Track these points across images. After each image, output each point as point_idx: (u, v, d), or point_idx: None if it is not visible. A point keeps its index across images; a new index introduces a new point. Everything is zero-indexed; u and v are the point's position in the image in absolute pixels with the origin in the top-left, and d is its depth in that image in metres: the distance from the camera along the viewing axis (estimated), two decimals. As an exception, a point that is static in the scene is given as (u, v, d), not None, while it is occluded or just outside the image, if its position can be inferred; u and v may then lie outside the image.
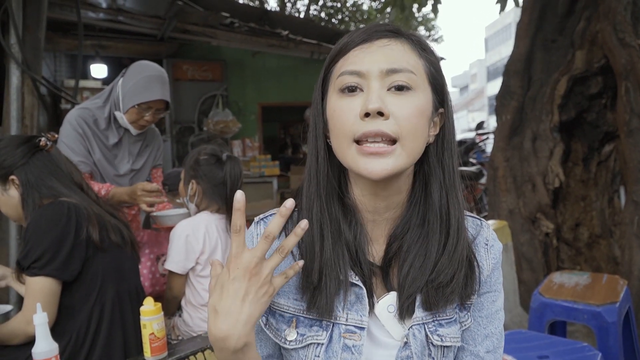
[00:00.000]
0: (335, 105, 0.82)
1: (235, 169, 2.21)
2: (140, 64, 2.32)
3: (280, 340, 0.86)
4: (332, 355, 0.84)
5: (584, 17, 3.94)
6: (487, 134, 9.96)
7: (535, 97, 4.11)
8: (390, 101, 0.79)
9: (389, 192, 0.86)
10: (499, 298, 0.95)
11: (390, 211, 0.88)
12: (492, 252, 0.93)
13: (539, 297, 2.62)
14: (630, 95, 3.49)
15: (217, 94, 7.23)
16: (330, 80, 0.86)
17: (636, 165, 3.47)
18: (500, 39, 45.14)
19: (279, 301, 0.87)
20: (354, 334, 0.84)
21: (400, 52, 0.82)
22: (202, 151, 2.25)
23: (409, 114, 0.79)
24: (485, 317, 0.92)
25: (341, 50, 0.85)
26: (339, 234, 0.86)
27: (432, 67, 0.85)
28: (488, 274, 0.92)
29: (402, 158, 0.79)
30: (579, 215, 4.06)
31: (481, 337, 0.92)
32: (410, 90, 0.80)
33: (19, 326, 1.59)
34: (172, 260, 2.10)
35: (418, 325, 0.85)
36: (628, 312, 2.59)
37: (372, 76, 0.80)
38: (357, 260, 0.86)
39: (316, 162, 0.88)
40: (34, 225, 1.62)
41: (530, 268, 3.92)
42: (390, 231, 0.89)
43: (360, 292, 0.85)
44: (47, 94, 3.60)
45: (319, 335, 0.84)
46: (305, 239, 0.85)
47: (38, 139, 1.76)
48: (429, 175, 0.88)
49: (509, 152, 4.17)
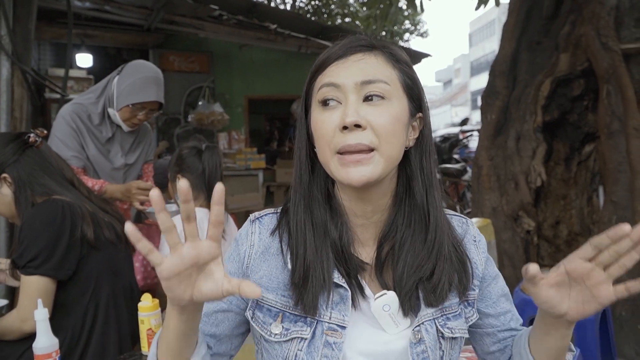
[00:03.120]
0: (317, 118, 0.89)
1: (214, 158, 2.22)
2: (138, 64, 2.33)
3: (265, 332, 0.91)
4: (314, 350, 0.88)
5: (568, 20, 4.01)
6: (471, 131, 10.07)
7: (519, 97, 4.19)
8: (366, 111, 0.85)
9: (374, 196, 0.92)
10: (500, 279, 1.05)
11: (378, 214, 0.94)
12: (480, 247, 1.02)
13: (520, 294, 2.70)
14: (612, 98, 3.58)
15: (204, 85, 7.21)
16: (312, 94, 0.92)
17: (615, 166, 3.57)
18: (484, 35, 45.44)
19: (268, 296, 0.92)
20: (335, 332, 0.89)
21: (374, 64, 0.88)
22: (184, 146, 2.27)
23: (385, 122, 0.85)
24: (497, 298, 1.03)
25: (320, 66, 0.91)
26: (324, 235, 0.91)
27: (406, 76, 0.91)
28: (484, 267, 1.01)
29: (380, 165, 0.85)
30: (559, 213, 4.16)
31: (503, 315, 1.03)
32: (385, 100, 0.86)
33: (13, 324, 1.60)
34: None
35: (429, 321, 0.91)
36: (605, 310, 2.68)
37: (349, 89, 0.86)
38: (343, 260, 0.91)
39: (299, 172, 0.95)
40: (28, 225, 1.62)
41: (512, 265, 4.01)
42: (379, 234, 0.94)
43: (345, 293, 0.90)
44: (31, 83, 3.58)
45: (303, 331, 0.89)
46: (292, 241, 0.92)
47: (27, 136, 1.75)
48: (411, 177, 0.94)
49: (493, 151, 4.25)
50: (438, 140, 10.07)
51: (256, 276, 0.93)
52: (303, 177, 0.94)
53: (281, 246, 0.94)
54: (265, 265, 0.94)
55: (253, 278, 0.93)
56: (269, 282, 0.93)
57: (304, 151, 0.95)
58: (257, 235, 0.96)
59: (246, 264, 0.95)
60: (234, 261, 0.97)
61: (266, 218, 0.98)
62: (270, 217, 0.98)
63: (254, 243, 0.95)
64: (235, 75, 7.57)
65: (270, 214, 0.99)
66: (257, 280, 0.93)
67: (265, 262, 0.94)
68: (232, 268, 0.96)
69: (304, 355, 0.88)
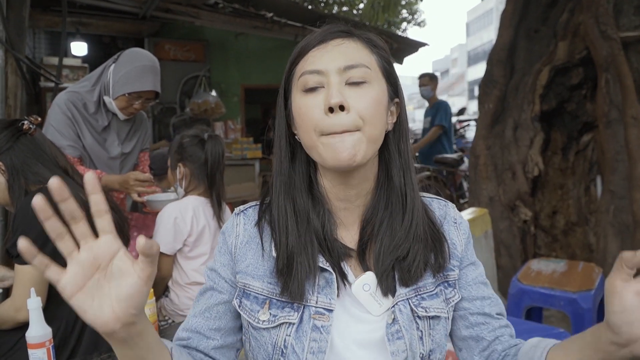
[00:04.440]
0: (301, 104, 0.89)
1: (217, 148, 2.22)
2: (134, 52, 2.30)
3: (253, 320, 0.91)
4: (302, 334, 0.89)
5: (567, 8, 3.99)
6: (467, 121, 10.06)
7: (517, 86, 4.18)
8: (349, 94, 0.86)
9: (358, 180, 0.93)
10: (479, 267, 1.04)
11: (361, 198, 0.95)
12: (461, 229, 1.03)
13: (517, 284, 2.71)
14: (610, 87, 3.57)
15: (200, 74, 7.16)
16: (293, 81, 0.93)
17: (613, 156, 3.57)
18: (481, 24, 45.32)
19: (254, 284, 0.93)
20: (322, 316, 0.90)
21: (354, 49, 0.90)
22: (185, 134, 2.26)
23: (368, 104, 0.87)
24: (475, 283, 1.01)
25: (300, 52, 0.92)
26: (307, 223, 0.92)
27: (384, 61, 0.94)
28: (463, 249, 1.01)
29: (364, 143, 0.86)
30: (556, 203, 4.16)
31: (479, 299, 1.00)
32: (367, 84, 0.88)
33: (7, 313, 1.59)
34: (160, 242, 2.11)
35: (402, 301, 0.91)
36: (602, 299, 2.69)
37: (331, 73, 0.87)
38: (326, 247, 0.92)
39: (280, 160, 0.96)
40: (22, 214, 1.60)
41: (509, 254, 4.01)
42: (362, 217, 0.96)
43: (330, 277, 0.91)
44: (26, 71, 3.54)
45: (291, 316, 0.90)
46: (275, 228, 0.93)
47: (21, 123, 1.73)
48: (389, 160, 0.96)
49: (491, 141, 4.24)
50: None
51: (242, 265, 0.95)
52: (283, 165, 0.95)
53: (264, 235, 0.95)
54: (251, 253, 0.95)
55: (240, 267, 0.95)
56: (255, 270, 0.94)
57: (284, 140, 0.96)
58: (242, 227, 0.98)
59: (234, 254, 0.96)
60: (224, 253, 0.98)
61: (250, 210, 1.00)
62: (254, 209, 1.00)
63: (239, 234, 0.97)
64: (231, 64, 7.53)
65: (254, 206, 1.01)
66: (244, 269, 0.94)
67: (250, 251, 0.95)
68: (223, 260, 0.97)
69: (293, 340, 0.89)
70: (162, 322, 2.15)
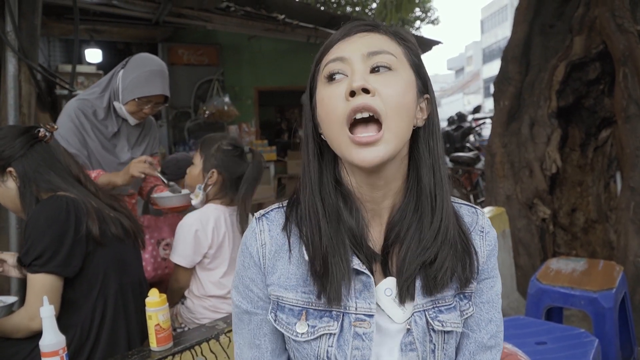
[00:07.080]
0: (324, 94, 0.86)
1: (259, 167, 2.17)
2: (142, 57, 2.32)
3: (291, 334, 0.88)
4: (344, 343, 0.86)
5: (582, 2, 3.92)
6: (483, 119, 9.96)
7: (533, 82, 4.12)
8: (374, 80, 0.82)
9: (385, 181, 0.88)
10: (497, 284, 0.98)
11: (388, 199, 0.90)
12: (487, 239, 0.96)
13: (536, 284, 2.66)
14: (628, 81, 3.50)
15: (214, 78, 7.18)
16: (318, 77, 0.89)
17: (633, 151, 3.49)
18: (496, 21, 44.91)
19: (288, 295, 0.89)
20: (363, 322, 0.86)
21: (379, 39, 0.87)
22: (224, 141, 2.18)
23: (393, 91, 0.82)
24: (487, 302, 0.96)
25: (324, 49, 0.90)
26: (338, 222, 0.88)
27: (412, 53, 0.90)
28: (484, 261, 0.95)
29: (390, 142, 0.81)
30: (575, 200, 4.09)
31: (484, 322, 0.95)
32: (392, 71, 0.84)
33: (22, 322, 1.59)
34: (179, 254, 2.09)
35: (419, 312, 0.88)
36: (624, 298, 2.63)
37: (355, 60, 0.84)
38: (360, 247, 0.88)
39: (308, 159, 0.92)
40: (33, 222, 1.61)
41: (527, 253, 3.95)
42: (388, 219, 0.91)
43: (367, 280, 0.87)
44: (41, 80, 3.57)
45: (331, 326, 0.86)
46: (306, 230, 0.88)
47: (37, 130, 1.73)
48: (419, 160, 0.90)
49: (507, 138, 4.18)
50: (450, 128, 9.97)
51: (274, 277, 0.90)
52: (312, 165, 0.91)
53: (292, 238, 0.90)
54: (280, 263, 0.90)
55: (270, 279, 0.90)
56: (287, 281, 0.89)
57: (312, 139, 0.92)
58: (267, 233, 0.92)
59: (262, 266, 0.91)
60: (250, 267, 0.92)
61: (272, 213, 0.94)
62: (277, 212, 0.94)
63: (265, 242, 0.91)
64: (244, 67, 7.53)
65: (276, 209, 0.95)
66: (275, 281, 0.90)
67: (280, 260, 0.90)
68: (251, 274, 0.92)
69: (335, 351, 0.86)
70: (177, 328, 2.15)
